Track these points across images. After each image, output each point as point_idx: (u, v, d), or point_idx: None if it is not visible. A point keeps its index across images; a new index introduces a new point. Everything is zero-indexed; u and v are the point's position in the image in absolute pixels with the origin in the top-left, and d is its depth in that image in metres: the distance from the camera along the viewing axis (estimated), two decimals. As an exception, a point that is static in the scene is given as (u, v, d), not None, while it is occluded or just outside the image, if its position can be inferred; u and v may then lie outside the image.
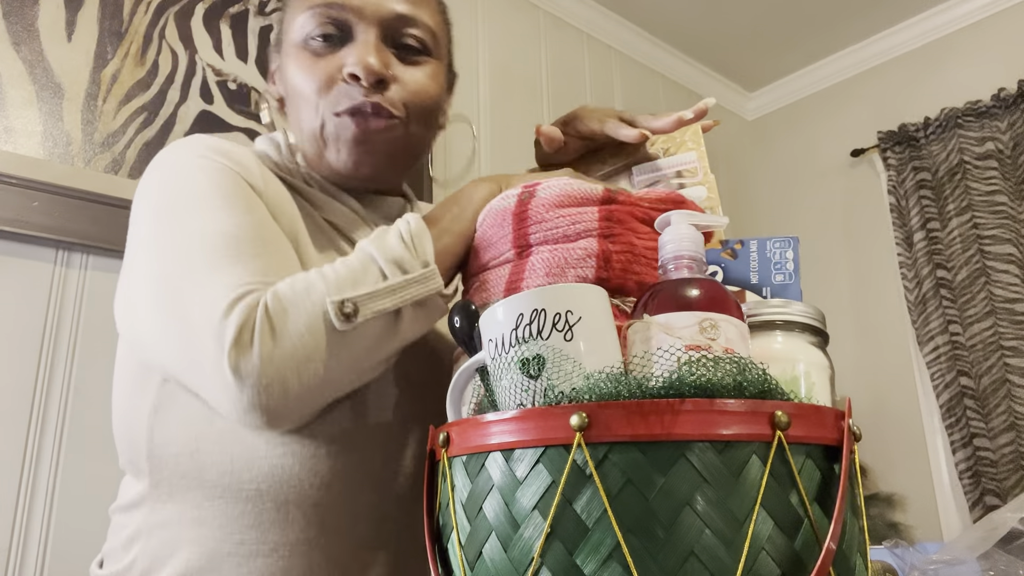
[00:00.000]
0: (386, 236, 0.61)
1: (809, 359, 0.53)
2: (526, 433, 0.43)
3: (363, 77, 0.68)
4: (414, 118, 0.73)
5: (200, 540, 0.63)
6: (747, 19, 2.48)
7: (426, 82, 0.73)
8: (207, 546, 0.62)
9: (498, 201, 0.64)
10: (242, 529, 0.62)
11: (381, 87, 0.70)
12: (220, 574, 0.62)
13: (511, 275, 0.60)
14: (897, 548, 0.83)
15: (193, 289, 0.58)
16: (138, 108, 1.35)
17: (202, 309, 0.56)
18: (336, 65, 0.70)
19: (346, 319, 0.56)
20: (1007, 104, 2.22)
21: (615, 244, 0.59)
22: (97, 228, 1.24)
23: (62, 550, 1.14)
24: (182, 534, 0.63)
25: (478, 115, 2.00)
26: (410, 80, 0.72)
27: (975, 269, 2.20)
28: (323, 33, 0.70)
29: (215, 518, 0.63)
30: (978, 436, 2.11)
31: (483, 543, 0.44)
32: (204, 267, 0.59)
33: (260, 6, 1.57)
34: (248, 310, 0.55)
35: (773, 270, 0.65)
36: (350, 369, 0.58)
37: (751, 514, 0.40)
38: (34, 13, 1.27)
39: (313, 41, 0.71)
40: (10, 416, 1.14)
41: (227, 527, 0.62)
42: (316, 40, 0.71)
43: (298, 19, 0.72)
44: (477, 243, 0.66)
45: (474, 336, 0.52)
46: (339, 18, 0.70)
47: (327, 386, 0.58)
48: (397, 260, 0.59)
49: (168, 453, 0.65)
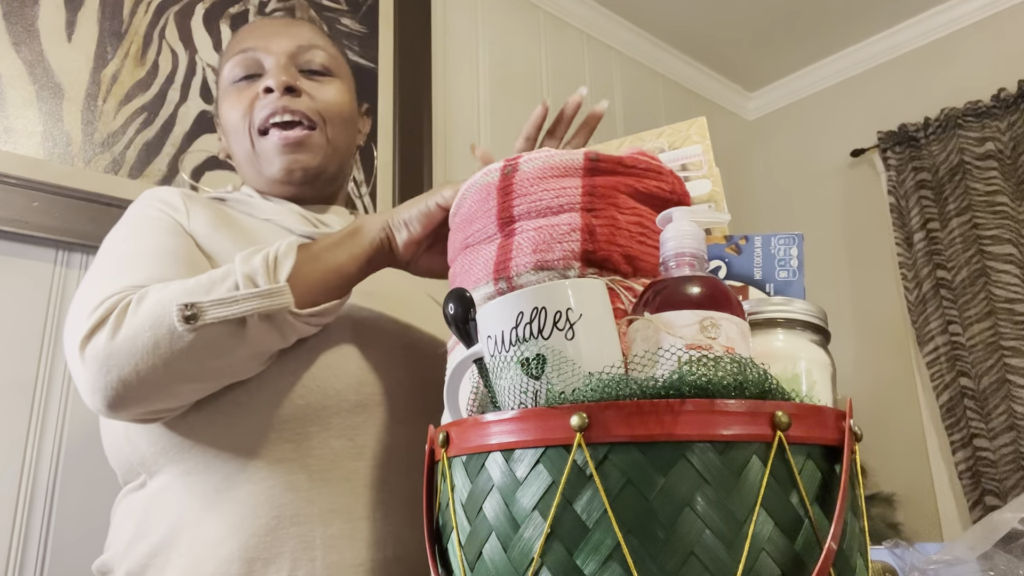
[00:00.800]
0: (256, 253, 0.67)
1: (811, 357, 0.53)
2: (526, 433, 0.43)
3: (275, 87, 0.82)
4: (330, 124, 0.86)
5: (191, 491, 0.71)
6: (747, 19, 2.48)
7: (334, 93, 0.87)
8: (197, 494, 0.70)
9: (480, 176, 0.63)
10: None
11: (292, 93, 0.83)
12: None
13: (499, 254, 0.59)
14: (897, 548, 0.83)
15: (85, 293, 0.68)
16: (138, 108, 1.35)
17: (80, 308, 0.66)
18: (255, 91, 0.84)
19: (186, 321, 0.62)
20: (1007, 104, 2.22)
21: (598, 218, 0.58)
22: (97, 228, 1.24)
23: (62, 550, 1.13)
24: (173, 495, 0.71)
25: (478, 115, 2.00)
26: (318, 93, 0.86)
27: (975, 269, 2.20)
28: (244, 74, 0.86)
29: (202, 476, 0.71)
30: (978, 436, 2.10)
31: (483, 543, 0.44)
32: (101, 277, 0.69)
33: (260, 6, 1.57)
34: (109, 308, 0.64)
35: (777, 267, 0.65)
36: (192, 367, 0.64)
37: (751, 514, 0.40)
38: (34, 13, 1.27)
39: (237, 82, 0.86)
40: (10, 416, 1.14)
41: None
42: (239, 80, 0.86)
43: (225, 68, 0.87)
44: (460, 219, 0.65)
45: (469, 324, 0.52)
46: (254, 58, 0.86)
47: (169, 380, 0.64)
48: (251, 275, 0.64)
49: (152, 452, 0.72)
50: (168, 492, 0.71)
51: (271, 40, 0.86)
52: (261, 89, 0.83)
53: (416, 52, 1.83)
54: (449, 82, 1.93)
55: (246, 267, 0.65)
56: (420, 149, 1.77)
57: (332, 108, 0.86)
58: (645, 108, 2.50)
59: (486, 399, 0.51)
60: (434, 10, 1.94)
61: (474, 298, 0.56)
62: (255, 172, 0.86)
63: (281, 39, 0.86)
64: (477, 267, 0.61)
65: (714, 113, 2.81)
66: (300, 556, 0.67)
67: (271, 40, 0.86)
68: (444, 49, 1.94)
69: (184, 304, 0.62)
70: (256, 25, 0.90)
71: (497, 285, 0.58)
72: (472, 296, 0.54)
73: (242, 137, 0.85)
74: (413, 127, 1.77)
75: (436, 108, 1.88)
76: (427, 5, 1.89)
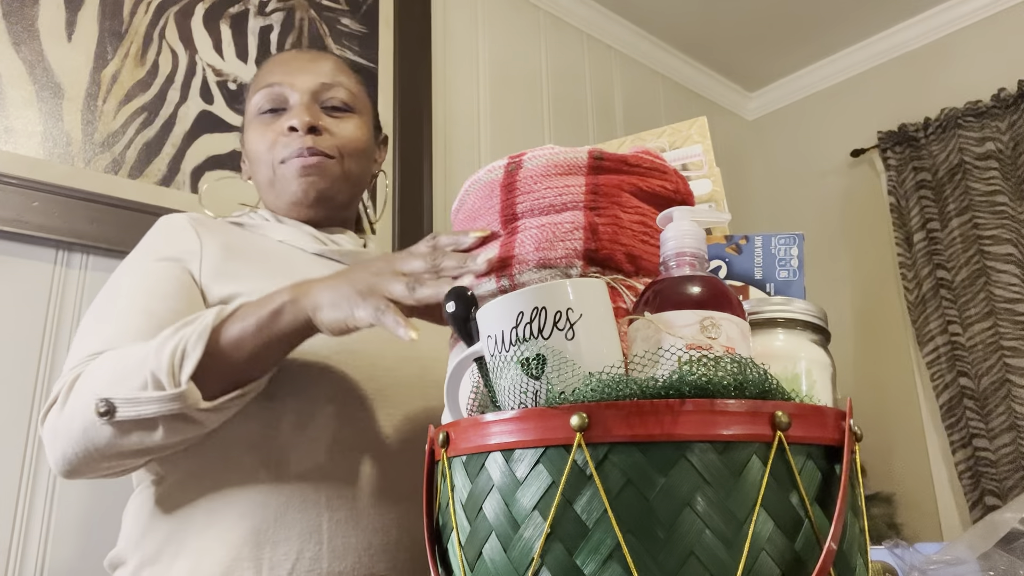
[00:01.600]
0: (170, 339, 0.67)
1: (811, 357, 0.53)
2: (526, 433, 0.43)
3: (298, 127, 0.88)
4: (347, 158, 0.92)
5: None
6: (747, 19, 2.48)
7: (353, 131, 0.93)
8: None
9: (484, 173, 0.63)
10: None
11: (314, 133, 0.89)
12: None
13: (501, 252, 0.59)
14: (897, 548, 0.83)
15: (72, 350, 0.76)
16: (138, 108, 1.35)
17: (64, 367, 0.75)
18: (280, 127, 0.90)
19: (102, 416, 0.65)
20: (1007, 104, 2.22)
21: (601, 217, 0.58)
22: (97, 228, 1.24)
23: (62, 550, 1.13)
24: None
25: (478, 115, 2.00)
26: (338, 130, 0.92)
27: (975, 269, 2.20)
28: (270, 107, 0.92)
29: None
30: (978, 436, 2.10)
31: (483, 543, 0.44)
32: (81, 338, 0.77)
33: (260, 6, 1.57)
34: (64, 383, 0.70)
35: (777, 266, 0.65)
36: (121, 450, 0.68)
37: (751, 514, 0.40)
38: (34, 13, 1.27)
39: (263, 114, 0.92)
40: (10, 416, 1.14)
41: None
42: (265, 113, 0.92)
43: (253, 99, 0.94)
44: (463, 216, 0.65)
45: (470, 322, 0.52)
46: (280, 93, 0.92)
47: (103, 458, 0.69)
48: (156, 375, 0.65)
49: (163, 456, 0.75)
50: (180, 486, 0.75)
51: (296, 76, 0.92)
52: (286, 127, 0.89)
53: (416, 52, 1.83)
54: (449, 82, 1.93)
55: (156, 361, 0.65)
56: (420, 149, 1.77)
57: (350, 144, 0.92)
58: (645, 108, 2.50)
59: (486, 399, 0.51)
60: (434, 10, 1.94)
61: (476, 295, 0.56)
62: (274, 196, 0.92)
63: (305, 76, 0.92)
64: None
65: (714, 113, 2.81)
66: (307, 540, 0.72)
67: (296, 76, 0.92)
68: (444, 49, 1.94)
69: (100, 399, 0.66)
70: (283, 59, 0.96)
71: (499, 282, 0.58)
72: (473, 294, 0.54)
73: (265, 167, 0.91)
74: (413, 127, 1.77)
75: (436, 108, 1.88)
76: (427, 5, 1.89)
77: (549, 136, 2.15)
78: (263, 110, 0.92)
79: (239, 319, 0.68)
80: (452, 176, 1.86)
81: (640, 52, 2.53)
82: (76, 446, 0.68)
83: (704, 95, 2.77)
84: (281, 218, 0.93)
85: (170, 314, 0.75)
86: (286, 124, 0.89)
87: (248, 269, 0.82)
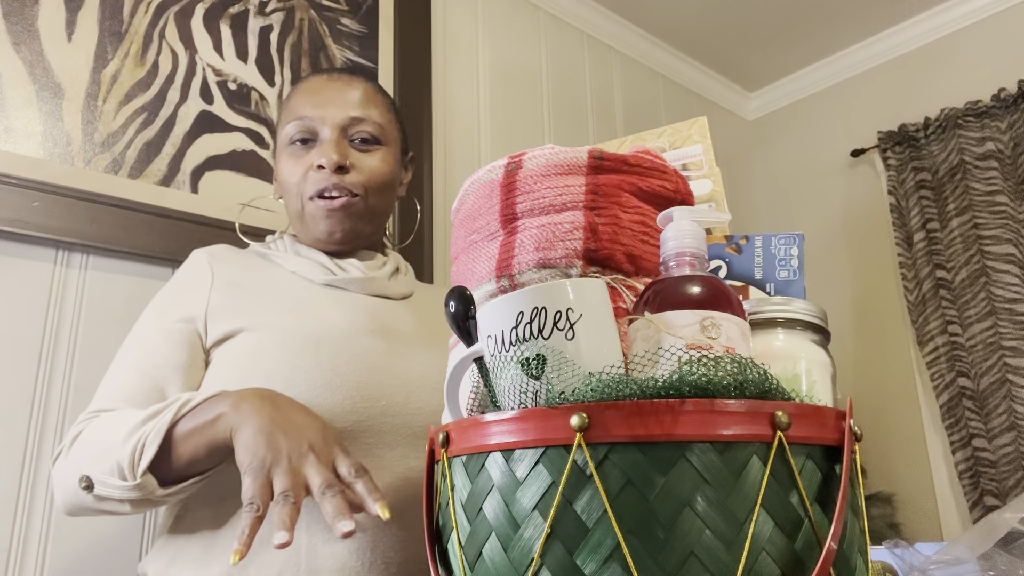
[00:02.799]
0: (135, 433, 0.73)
1: (811, 357, 0.53)
2: (526, 433, 0.43)
3: (327, 166, 0.93)
4: (372, 193, 0.96)
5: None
6: (747, 19, 2.48)
7: (379, 165, 0.97)
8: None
9: (484, 173, 0.63)
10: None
11: (342, 171, 0.94)
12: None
13: (501, 252, 0.59)
14: (897, 548, 0.82)
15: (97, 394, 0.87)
16: (138, 108, 1.35)
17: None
18: (309, 161, 0.95)
19: (83, 488, 0.75)
20: (1007, 104, 2.22)
21: (601, 216, 0.58)
22: (97, 228, 1.24)
23: (62, 550, 1.13)
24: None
25: (478, 115, 2.00)
26: (365, 166, 0.96)
27: (975, 269, 2.20)
28: (301, 138, 0.96)
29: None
30: (977, 436, 2.10)
31: (483, 543, 0.44)
32: (101, 386, 0.86)
33: (260, 6, 1.57)
34: (73, 435, 0.80)
35: (777, 266, 0.65)
36: (102, 511, 0.77)
37: (751, 514, 0.40)
38: (34, 13, 1.27)
39: (293, 144, 0.97)
40: (10, 416, 1.14)
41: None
42: (296, 143, 0.96)
43: (285, 128, 0.98)
44: (463, 216, 0.65)
45: (470, 322, 0.52)
46: (311, 126, 0.96)
47: (92, 512, 0.79)
48: (120, 464, 0.73)
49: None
50: (191, 511, 0.85)
51: (327, 109, 0.96)
52: (315, 164, 0.93)
53: (416, 52, 1.83)
54: (449, 82, 1.93)
55: (121, 452, 0.73)
56: (420, 149, 1.77)
57: (376, 178, 0.96)
58: (645, 108, 2.50)
59: (486, 399, 0.51)
60: (434, 10, 1.94)
61: (476, 295, 0.56)
62: (302, 227, 0.98)
63: (335, 109, 0.96)
64: (479, 264, 0.61)
65: (714, 113, 2.81)
66: (287, 560, 0.79)
67: (327, 109, 0.96)
68: (444, 49, 1.94)
69: (82, 476, 0.75)
70: (314, 87, 0.99)
71: (499, 283, 0.58)
72: (473, 294, 0.54)
73: (294, 199, 0.96)
74: (413, 127, 1.77)
75: (436, 108, 1.88)
76: (427, 5, 1.89)
77: (549, 136, 2.15)
78: (293, 140, 0.97)
79: (191, 418, 0.74)
80: (452, 176, 1.86)
81: (640, 52, 2.53)
82: (70, 499, 0.78)
83: (704, 95, 2.77)
84: (299, 248, 0.99)
85: (163, 371, 0.84)
86: (316, 161, 0.94)
87: (254, 305, 0.89)
